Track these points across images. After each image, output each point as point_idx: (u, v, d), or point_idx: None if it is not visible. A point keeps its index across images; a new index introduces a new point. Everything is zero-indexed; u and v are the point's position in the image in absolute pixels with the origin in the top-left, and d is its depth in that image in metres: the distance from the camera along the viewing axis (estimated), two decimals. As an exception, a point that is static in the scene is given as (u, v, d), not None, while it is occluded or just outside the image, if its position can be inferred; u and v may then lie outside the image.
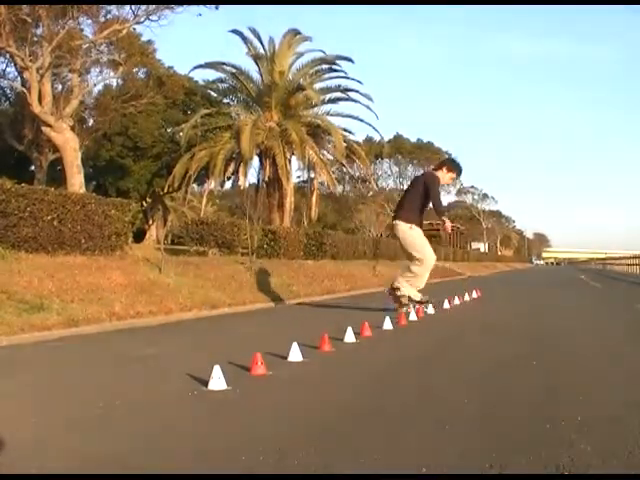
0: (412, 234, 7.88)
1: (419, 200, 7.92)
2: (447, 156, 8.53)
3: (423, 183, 8.02)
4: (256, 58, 21.89)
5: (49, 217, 9.00)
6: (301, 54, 22.36)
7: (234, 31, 21.56)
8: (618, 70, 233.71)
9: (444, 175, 8.15)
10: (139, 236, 28.28)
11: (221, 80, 23.09)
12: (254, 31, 21.63)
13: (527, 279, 28.87)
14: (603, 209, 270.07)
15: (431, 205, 7.92)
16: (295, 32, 22.04)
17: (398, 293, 7.85)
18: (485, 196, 78.87)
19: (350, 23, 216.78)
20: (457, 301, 9.82)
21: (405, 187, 8.24)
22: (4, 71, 21.09)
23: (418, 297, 7.90)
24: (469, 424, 2.73)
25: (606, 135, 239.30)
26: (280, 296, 10.81)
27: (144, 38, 20.86)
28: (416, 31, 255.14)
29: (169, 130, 26.53)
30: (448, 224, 7.74)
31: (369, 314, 7.43)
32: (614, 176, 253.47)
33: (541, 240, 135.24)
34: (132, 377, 3.98)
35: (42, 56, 14.52)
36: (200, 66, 22.21)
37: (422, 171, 8.62)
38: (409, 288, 7.85)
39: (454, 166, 8.37)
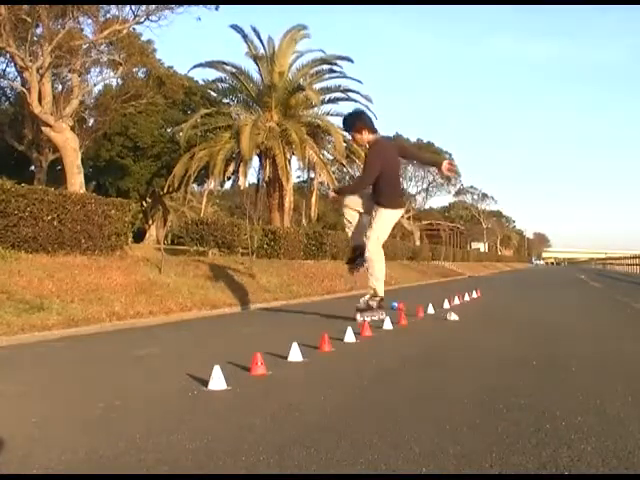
0: None
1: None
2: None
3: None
4: (256, 58, 21.88)
5: (49, 217, 9.00)
6: (301, 54, 22.34)
7: (234, 27, 21.47)
8: (618, 71, 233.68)
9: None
10: (139, 236, 28.28)
11: (221, 80, 23.07)
12: (254, 30, 21.63)
13: (527, 279, 28.87)
14: (603, 209, 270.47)
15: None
16: (295, 28, 21.98)
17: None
18: (485, 196, 78.86)
19: (350, 23, 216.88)
20: (457, 301, 9.82)
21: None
22: (4, 71, 21.13)
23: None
24: (469, 424, 2.73)
25: (606, 135, 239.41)
26: (280, 296, 10.81)
27: (144, 38, 20.89)
28: (416, 31, 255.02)
29: (169, 130, 26.52)
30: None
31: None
32: (614, 176, 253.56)
33: (541, 240, 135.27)
34: (132, 377, 3.98)
35: (42, 56, 14.51)
36: (200, 65, 22.18)
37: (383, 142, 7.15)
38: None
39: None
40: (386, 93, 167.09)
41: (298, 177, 32.04)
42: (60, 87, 19.09)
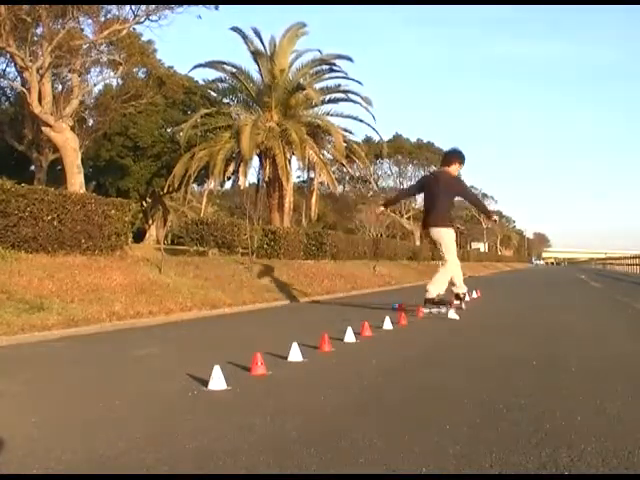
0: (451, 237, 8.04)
1: (450, 203, 8.29)
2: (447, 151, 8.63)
3: (452, 185, 8.02)
4: (256, 56, 21.86)
5: (49, 217, 9.00)
6: (300, 54, 22.34)
7: (234, 29, 21.48)
8: (617, 70, 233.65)
9: (456, 169, 8.22)
10: (139, 236, 28.29)
11: (221, 80, 23.07)
12: (254, 30, 21.63)
13: (527, 279, 28.87)
14: (603, 209, 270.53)
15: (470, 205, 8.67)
16: (294, 26, 21.96)
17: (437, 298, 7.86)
18: (485, 196, 78.81)
19: (350, 23, 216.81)
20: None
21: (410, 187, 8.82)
22: (4, 71, 21.13)
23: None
24: (469, 424, 2.73)
25: (606, 135, 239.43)
26: (280, 296, 10.80)
27: (144, 38, 20.90)
28: (416, 31, 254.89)
29: (169, 130, 26.52)
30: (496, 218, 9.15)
31: (370, 314, 7.42)
32: (614, 176, 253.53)
33: (541, 240, 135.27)
34: (132, 377, 3.98)
35: (42, 56, 14.51)
36: (200, 65, 22.19)
37: (433, 171, 8.48)
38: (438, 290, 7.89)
39: (461, 158, 8.29)
40: (386, 93, 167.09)
41: (298, 177, 32.08)
42: (60, 87, 19.09)
